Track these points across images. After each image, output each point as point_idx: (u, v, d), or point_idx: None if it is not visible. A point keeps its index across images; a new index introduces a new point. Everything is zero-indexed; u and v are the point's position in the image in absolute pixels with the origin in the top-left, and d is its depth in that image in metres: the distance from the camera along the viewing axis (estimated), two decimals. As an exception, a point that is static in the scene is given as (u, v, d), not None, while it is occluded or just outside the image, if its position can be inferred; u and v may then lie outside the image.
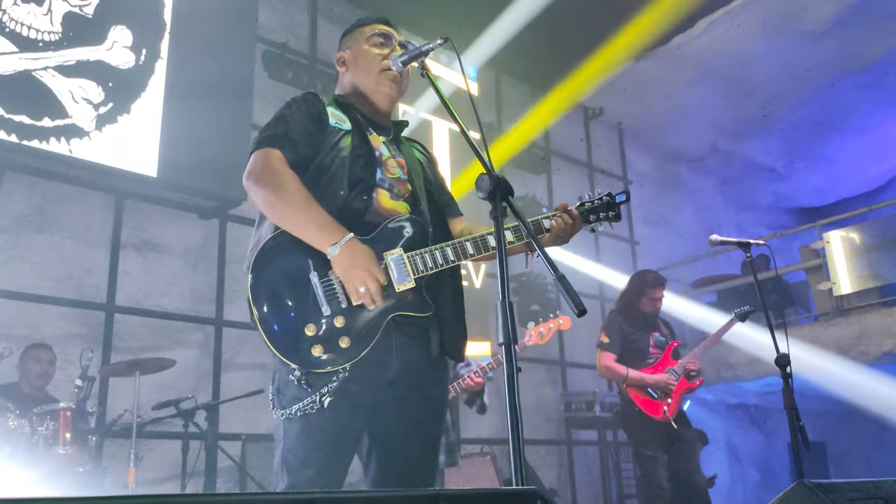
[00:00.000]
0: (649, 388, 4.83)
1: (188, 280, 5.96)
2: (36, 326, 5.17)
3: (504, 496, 1.26)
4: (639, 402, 4.82)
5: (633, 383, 4.84)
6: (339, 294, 2.01)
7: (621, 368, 4.86)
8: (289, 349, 1.94)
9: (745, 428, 9.82)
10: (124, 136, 5.32)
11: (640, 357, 4.94)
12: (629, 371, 4.84)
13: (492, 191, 1.80)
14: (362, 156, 2.19)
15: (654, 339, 5.02)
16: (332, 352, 1.96)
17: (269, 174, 2.06)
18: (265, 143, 2.13)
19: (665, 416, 4.77)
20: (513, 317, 1.69)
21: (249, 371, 5.99)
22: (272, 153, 2.10)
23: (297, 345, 1.94)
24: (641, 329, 5.03)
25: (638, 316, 5.07)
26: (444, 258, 2.10)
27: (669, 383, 4.80)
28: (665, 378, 4.82)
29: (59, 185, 5.40)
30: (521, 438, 1.54)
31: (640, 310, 5.08)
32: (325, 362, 1.95)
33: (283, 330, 1.95)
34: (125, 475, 4.22)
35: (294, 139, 2.14)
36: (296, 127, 2.16)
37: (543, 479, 7.32)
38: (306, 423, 1.98)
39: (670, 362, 4.94)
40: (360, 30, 2.39)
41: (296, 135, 2.15)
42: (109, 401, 5.19)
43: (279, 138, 2.13)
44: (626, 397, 4.88)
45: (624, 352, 4.94)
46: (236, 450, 5.38)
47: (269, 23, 6.70)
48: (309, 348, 1.94)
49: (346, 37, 2.44)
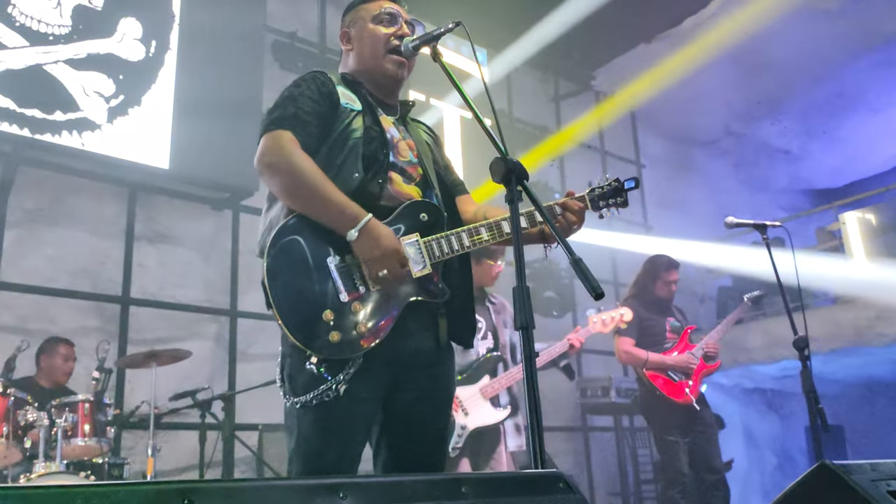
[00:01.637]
0: (669, 371, 4.83)
1: (202, 271, 5.98)
2: (52, 320, 5.20)
3: (527, 480, 1.25)
4: (659, 384, 4.82)
5: (653, 367, 4.84)
6: (356, 279, 1.97)
7: (641, 352, 4.86)
8: (307, 335, 1.90)
9: (762, 412, 9.78)
10: (136, 128, 5.33)
11: (657, 342, 4.94)
12: (649, 354, 4.84)
13: (506, 175, 1.78)
14: (375, 138, 2.13)
15: (671, 324, 5.02)
16: (350, 338, 1.92)
17: (282, 157, 2.00)
18: (275, 125, 2.06)
19: (687, 398, 4.78)
20: (529, 302, 1.68)
21: (265, 361, 6.00)
22: (283, 135, 2.03)
23: (315, 331, 1.90)
24: (657, 314, 5.03)
25: (653, 301, 5.07)
26: (460, 243, 2.08)
27: (690, 363, 4.81)
28: (686, 358, 4.83)
29: (72, 179, 5.42)
30: (540, 421, 1.52)
31: (654, 294, 5.07)
32: (344, 349, 1.92)
33: (300, 316, 1.91)
34: (144, 466, 4.25)
35: (305, 119, 2.07)
36: (306, 107, 2.09)
37: (560, 465, 7.32)
38: (322, 411, 1.93)
39: (688, 346, 4.94)
40: (365, 6, 2.29)
41: (306, 115, 2.08)
42: (126, 392, 5.23)
43: (289, 119, 2.06)
44: (647, 382, 4.87)
45: (641, 337, 4.93)
46: (253, 439, 5.40)
47: (278, 12, 6.68)
48: (327, 335, 1.90)
49: (351, 12, 2.34)
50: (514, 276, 1.67)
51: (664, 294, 5.09)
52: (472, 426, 3.97)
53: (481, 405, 4.03)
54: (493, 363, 4.16)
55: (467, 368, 4.07)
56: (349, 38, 2.32)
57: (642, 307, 5.01)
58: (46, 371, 4.69)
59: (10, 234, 5.10)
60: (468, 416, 3.97)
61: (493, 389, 4.07)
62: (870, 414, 9.88)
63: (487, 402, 4.05)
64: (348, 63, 2.32)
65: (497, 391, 4.09)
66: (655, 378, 4.84)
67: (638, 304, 5.03)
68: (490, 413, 4.04)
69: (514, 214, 1.76)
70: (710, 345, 4.95)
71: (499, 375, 4.16)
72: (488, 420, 4.03)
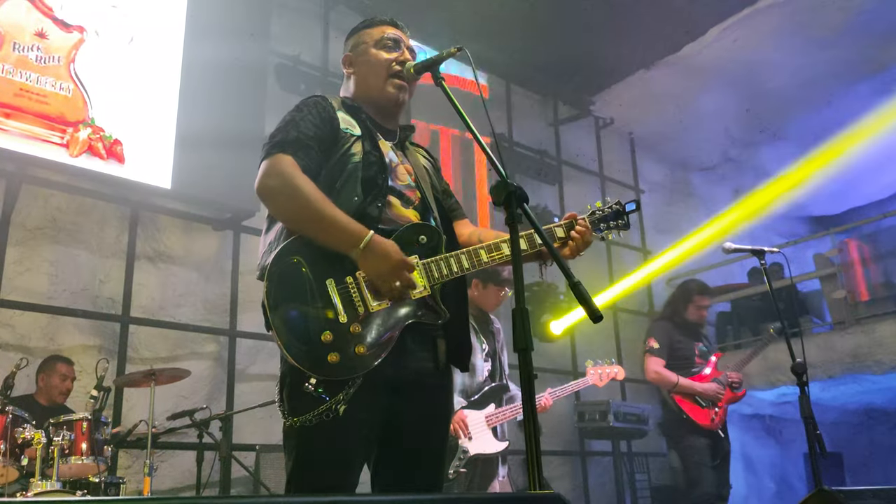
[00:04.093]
0: (697, 397, 4.87)
1: (202, 291, 5.99)
2: (52, 338, 5.20)
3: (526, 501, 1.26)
4: (687, 409, 4.89)
5: (682, 390, 4.89)
6: (355, 300, 1.99)
7: (671, 375, 4.91)
8: (305, 356, 1.91)
9: (761, 438, 9.74)
10: (139, 147, 5.36)
11: (685, 365, 5.00)
12: (679, 378, 4.88)
13: (507, 198, 1.80)
14: (374, 162, 2.16)
15: (699, 349, 5.08)
16: (349, 359, 1.94)
17: (284, 181, 2.03)
18: (277, 149, 2.08)
19: (713, 424, 4.83)
20: (528, 324, 1.69)
21: (263, 381, 6.00)
22: (284, 159, 2.06)
23: (313, 352, 1.92)
24: (687, 337, 5.10)
25: (684, 324, 5.14)
26: (460, 266, 2.11)
27: (718, 393, 4.87)
28: (714, 388, 4.90)
29: (75, 198, 5.45)
30: (537, 444, 1.53)
31: (685, 318, 5.14)
32: (342, 370, 1.93)
33: (299, 337, 1.92)
34: (140, 485, 4.24)
35: (306, 144, 2.11)
36: (308, 131, 2.13)
37: (558, 490, 7.27)
38: (321, 431, 1.94)
39: (716, 373, 4.99)
40: (368, 31, 2.35)
41: (308, 139, 2.11)
42: (124, 411, 5.22)
43: (291, 143, 2.09)
44: (674, 405, 4.93)
45: (670, 359, 4.99)
46: (251, 460, 5.39)
47: (281, 35, 6.75)
48: (325, 356, 1.91)
49: (354, 36, 2.39)
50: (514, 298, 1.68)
51: (695, 318, 5.18)
52: (472, 452, 3.98)
53: (484, 433, 4.05)
54: (499, 393, 4.19)
55: (477, 391, 4.08)
56: (351, 63, 2.36)
57: (674, 330, 5.08)
58: (44, 390, 4.69)
59: (11, 252, 5.12)
60: (472, 442, 3.98)
61: (497, 419, 4.09)
62: (868, 441, 9.83)
63: (490, 432, 4.07)
64: (349, 87, 2.36)
65: (500, 422, 4.11)
66: (683, 402, 4.89)
67: (670, 326, 5.11)
68: (491, 442, 4.07)
69: (513, 237, 1.78)
70: (733, 375, 5.00)
71: (503, 406, 4.18)
72: (489, 449, 4.05)
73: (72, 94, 5.08)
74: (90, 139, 5.10)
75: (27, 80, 4.90)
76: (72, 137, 5.03)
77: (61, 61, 5.08)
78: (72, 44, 5.15)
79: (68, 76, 5.09)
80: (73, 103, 5.08)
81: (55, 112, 4.99)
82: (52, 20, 5.09)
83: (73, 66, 5.13)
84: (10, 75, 4.83)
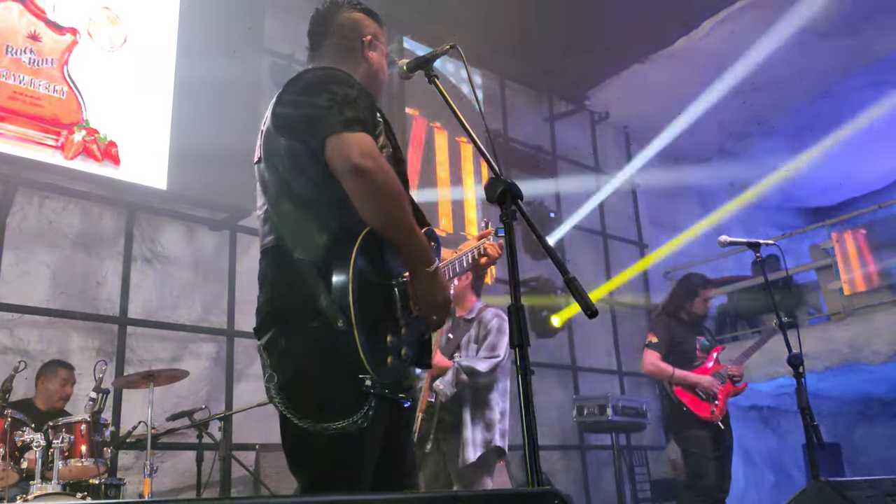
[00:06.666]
0: (697, 390, 4.90)
1: (199, 291, 5.99)
2: (49, 340, 5.20)
3: (523, 497, 1.26)
4: (687, 401, 4.93)
5: (678, 382, 4.93)
6: (409, 303, 1.96)
7: (667, 367, 4.96)
8: (373, 357, 1.81)
9: (759, 430, 9.77)
10: (134, 149, 5.35)
11: (687, 359, 5.03)
12: (675, 370, 4.91)
13: (501, 195, 1.81)
14: (401, 160, 2.13)
15: (700, 343, 5.10)
16: (398, 362, 1.90)
17: (379, 165, 1.83)
18: (359, 127, 1.86)
19: (713, 416, 4.87)
20: (524, 320, 1.70)
21: (262, 381, 5.98)
22: (368, 139, 1.85)
23: (378, 354, 1.83)
24: (688, 332, 5.14)
25: (686, 318, 5.17)
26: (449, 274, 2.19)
27: (714, 386, 4.89)
28: (710, 381, 4.93)
29: (71, 200, 5.44)
30: (536, 439, 1.53)
31: (690, 311, 5.19)
32: (393, 373, 1.88)
33: (370, 337, 1.82)
34: (140, 487, 4.24)
35: (373, 126, 1.96)
36: (369, 118, 1.95)
37: (556, 484, 7.30)
38: (349, 440, 1.81)
39: (717, 366, 5.01)
40: (382, 30, 2.31)
41: (371, 127, 1.94)
42: (124, 413, 5.22)
43: (362, 123, 1.88)
44: (675, 398, 4.97)
45: (671, 353, 5.02)
46: (251, 459, 5.39)
47: (275, 34, 6.73)
48: (385, 357, 1.85)
49: (375, 23, 2.29)
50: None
51: (701, 311, 5.22)
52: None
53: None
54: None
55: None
56: (373, 48, 2.25)
57: (675, 325, 5.11)
58: (44, 394, 4.66)
59: (8, 254, 5.11)
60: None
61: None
62: (866, 432, 9.88)
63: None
64: (357, 70, 2.19)
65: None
66: (683, 395, 4.92)
67: (670, 321, 5.14)
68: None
69: (508, 234, 1.79)
70: (733, 368, 5.05)
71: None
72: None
73: (66, 96, 5.07)
74: (85, 141, 5.09)
75: (20, 82, 4.88)
76: (66, 140, 5.02)
77: (55, 63, 5.07)
78: (65, 46, 5.14)
79: (62, 78, 5.08)
80: (67, 105, 5.07)
81: (49, 114, 4.98)
82: (44, 22, 5.08)
83: (67, 69, 5.12)
84: (4, 78, 4.82)
